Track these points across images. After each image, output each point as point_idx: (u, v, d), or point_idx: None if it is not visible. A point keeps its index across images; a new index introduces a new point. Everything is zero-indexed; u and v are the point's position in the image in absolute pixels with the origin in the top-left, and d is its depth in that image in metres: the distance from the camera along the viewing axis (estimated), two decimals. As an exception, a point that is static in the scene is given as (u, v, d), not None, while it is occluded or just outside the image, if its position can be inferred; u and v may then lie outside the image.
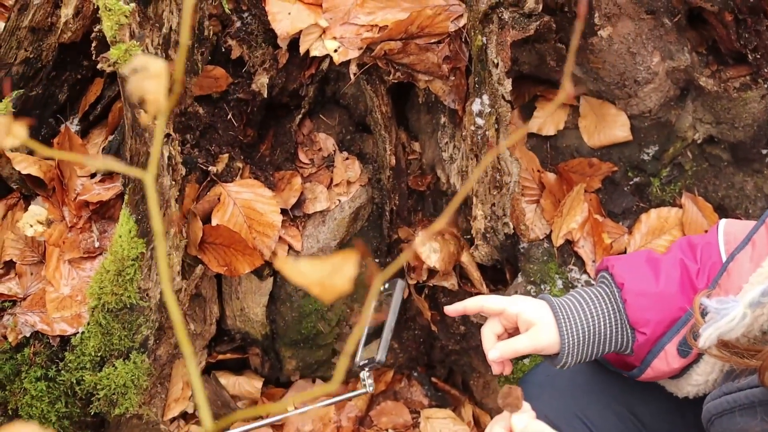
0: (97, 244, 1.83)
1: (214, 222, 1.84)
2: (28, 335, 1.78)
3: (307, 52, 1.83)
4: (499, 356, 1.24)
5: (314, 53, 1.82)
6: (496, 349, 1.24)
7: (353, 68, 1.82)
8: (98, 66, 1.62)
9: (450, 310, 1.31)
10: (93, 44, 1.71)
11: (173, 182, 1.73)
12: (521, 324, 1.25)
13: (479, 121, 1.79)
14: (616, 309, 1.26)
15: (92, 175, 1.88)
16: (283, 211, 1.91)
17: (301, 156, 2.00)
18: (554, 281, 1.88)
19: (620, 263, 1.29)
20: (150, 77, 0.41)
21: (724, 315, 1.05)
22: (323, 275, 0.35)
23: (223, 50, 1.84)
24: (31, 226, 1.80)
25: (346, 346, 0.37)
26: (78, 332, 1.77)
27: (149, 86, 0.41)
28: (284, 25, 1.80)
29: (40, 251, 1.85)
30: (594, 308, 1.26)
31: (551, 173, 1.97)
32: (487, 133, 1.79)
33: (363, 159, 2.06)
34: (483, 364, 2.08)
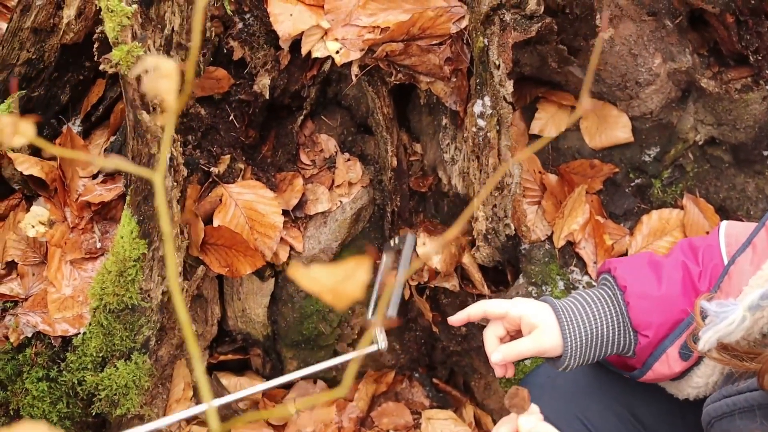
0: (99, 245, 1.83)
1: (216, 223, 1.84)
2: (30, 336, 1.78)
3: (309, 54, 1.83)
4: (502, 359, 1.24)
5: (316, 54, 1.82)
6: (499, 352, 1.24)
7: (355, 69, 1.82)
8: (100, 67, 1.62)
9: (454, 320, 1.31)
10: (95, 45, 1.71)
11: (175, 183, 1.73)
12: (524, 327, 1.26)
13: (481, 123, 1.79)
14: (619, 311, 1.26)
15: (94, 176, 1.88)
16: (285, 212, 1.91)
17: (303, 157, 2.00)
18: (555, 282, 1.88)
19: (622, 266, 1.29)
20: (161, 77, 0.41)
21: (724, 318, 1.06)
22: (336, 282, 0.35)
23: (225, 51, 1.84)
24: (33, 227, 1.80)
25: (357, 350, 0.37)
26: (79, 333, 1.77)
27: (162, 86, 0.41)
28: (286, 27, 1.80)
29: (42, 252, 1.85)
30: (596, 311, 1.26)
31: (553, 174, 1.97)
32: (489, 135, 1.79)
33: (364, 160, 2.06)
34: (484, 366, 2.08)
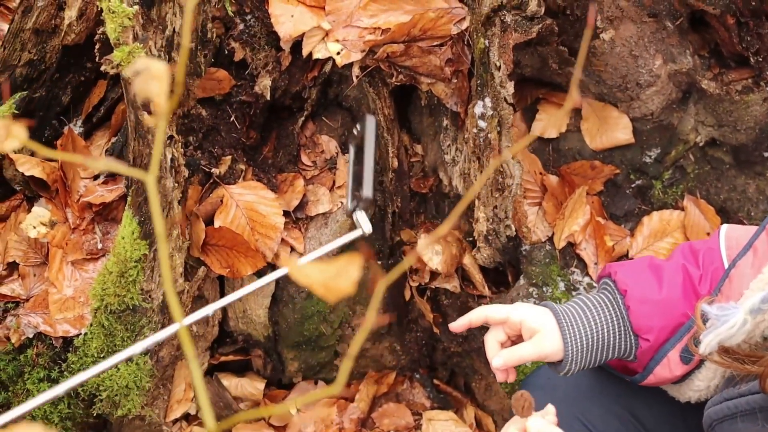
0: (100, 246, 1.83)
1: (217, 224, 1.84)
2: (31, 336, 1.78)
3: (310, 55, 1.83)
4: (503, 364, 1.24)
5: (317, 56, 1.82)
6: (500, 357, 1.24)
7: (356, 71, 1.83)
8: (101, 68, 1.62)
9: (455, 326, 1.31)
10: (96, 46, 1.72)
11: (176, 184, 1.73)
12: (525, 331, 1.25)
13: (481, 124, 1.79)
14: (620, 316, 1.26)
15: (95, 177, 1.88)
16: (286, 213, 1.91)
17: (304, 158, 2.01)
18: (556, 283, 1.88)
19: (623, 270, 1.29)
20: (152, 79, 0.41)
21: (725, 321, 1.05)
22: (328, 277, 0.35)
23: (226, 52, 1.84)
24: (35, 228, 1.80)
25: (350, 349, 0.37)
26: (81, 333, 1.77)
27: (153, 88, 0.41)
28: (287, 28, 1.80)
29: (43, 253, 1.86)
30: (597, 315, 1.26)
31: (553, 176, 1.97)
32: (490, 136, 1.79)
33: (365, 161, 2.06)
34: (485, 367, 2.08)
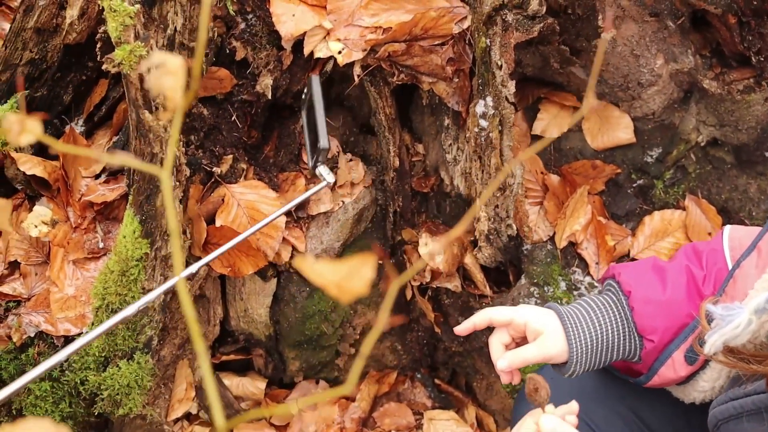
0: (102, 245, 1.83)
1: (218, 223, 1.84)
2: (33, 335, 1.78)
3: (312, 54, 1.83)
4: (508, 366, 1.24)
5: (318, 55, 1.82)
6: (504, 359, 1.24)
7: (357, 70, 1.82)
8: (103, 67, 1.62)
9: (460, 330, 1.31)
10: (98, 45, 1.72)
11: (177, 183, 1.73)
12: (529, 333, 1.26)
13: (483, 123, 1.79)
14: (624, 317, 1.27)
15: (97, 176, 1.88)
16: (287, 212, 1.91)
17: (305, 157, 2.00)
18: (557, 283, 1.88)
19: (627, 271, 1.29)
20: (167, 74, 0.41)
21: (730, 321, 1.06)
22: (341, 277, 0.35)
23: (228, 52, 1.84)
24: (36, 227, 1.80)
25: (362, 349, 0.37)
26: (82, 332, 1.77)
27: (167, 83, 0.41)
28: (288, 27, 1.80)
29: (45, 252, 1.86)
30: (601, 316, 1.26)
31: (555, 175, 1.98)
32: (491, 135, 1.79)
33: (367, 160, 2.06)
34: (486, 366, 2.08)
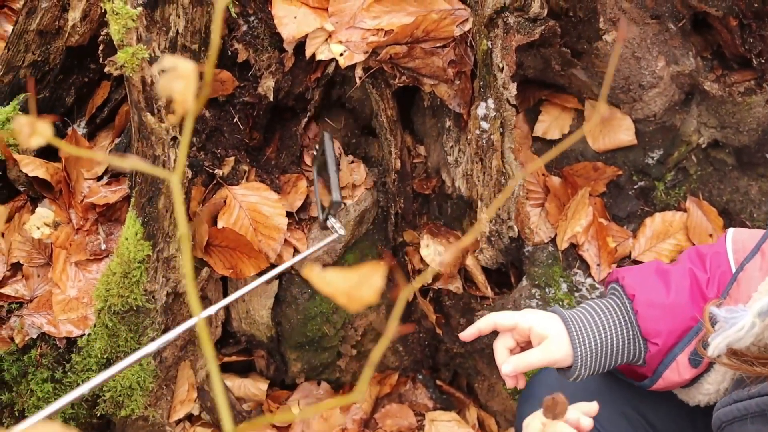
0: (104, 247, 1.83)
1: (220, 225, 1.85)
2: (35, 337, 1.78)
3: (313, 56, 1.83)
4: (512, 370, 1.24)
5: (320, 57, 1.83)
6: (509, 364, 1.24)
7: (359, 72, 1.83)
8: (105, 69, 1.63)
9: (465, 336, 1.31)
10: (100, 47, 1.72)
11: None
12: (533, 338, 1.26)
13: (484, 125, 1.79)
14: (628, 320, 1.27)
15: (99, 178, 1.88)
16: (289, 214, 1.92)
17: (307, 159, 2.01)
18: (559, 285, 1.88)
19: (630, 275, 1.29)
20: (178, 78, 0.41)
21: (733, 324, 1.06)
22: (350, 285, 0.35)
23: (230, 54, 1.84)
24: (38, 229, 1.80)
25: (371, 356, 0.37)
26: (84, 334, 1.77)
27: (177, 87, 0.41)
28: (290, 29, 1.80)
29: (47, 253, 1.86)
30: (606, 320, 1.27)
31: (556, 177, 1.98)
32: (492, 137, 1.79)
33: (368, 162, 2.06)
34: (488, 367, 2.08)
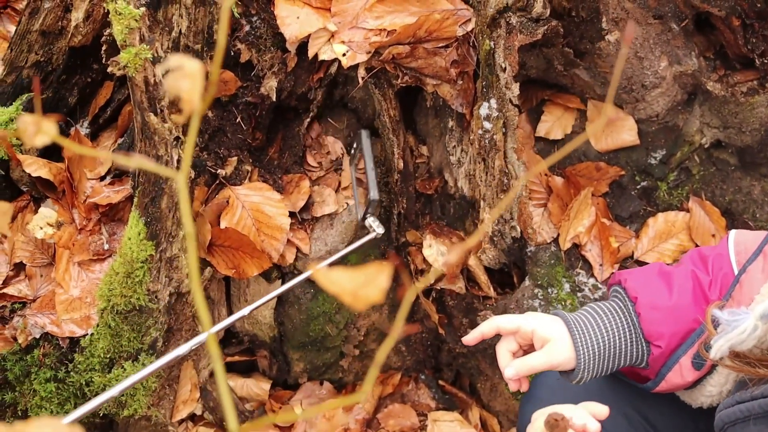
0: (107, 247, 1.84)
1: (223, 225, 1.85)
2: (38, 337, 1.78)
3: (316, 56, 1.83)
4: (515, 374, 1.24)
5: (323, 57, 1.83)
6: (512, 367, 1.25)
7: (361, 72, 1.83)
8: (108, 69, 1.63)
9: (468, 340, 1.31)
10: (103, 48, 1.72)
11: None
12: (536, 341, 1.26)
13: (487, 125, 1.79)
14: (631, 323, 1.27)
15: (102, 178, 1.89)
16: (292, 214, 1.92)
17: (310, 159, 2.01)
18: (561, 285, 1.88)
19: (633, 277, 1.29)
20: (185, 77, 0.41)
21: (735, 327, 1.06)
22: (356, 285, 0.35)
23: (232, 54, 1.85)
24: (41, 228, 1.80)
25: (377, 357, 0.37)
26: (87, 334, 1.77)
27: (184, 86, 0.41)
28: (293, 29, 1.80)
29: (50, 253, 1.86)
30: (608, 323, 1.27)
31: (558, 177, 1.98)
32: (495, 137, 1.79)
33: (371, 162, 2.06)
34: (490, 368, 2.08)
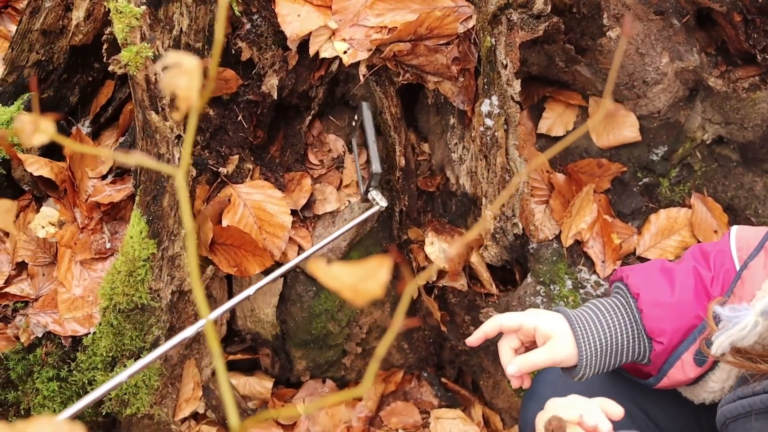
0: (109, 245, 1.84)
1: (225, 223, 1.85)
2: (40, 336, 1.78)
3: (317, 54, 1.83)
4: (517, 371, 1.24)
5: (324, 55, 1.83)
6: (514, 364, 1.25)
7: (363, 69, 1.83)
8: (109, 68, 1.63)
9: (471, 340, 1.32)
10: (104, 46, 1.72)
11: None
12: (538, 338, 1.26)
13: (488, 122, 1.79)
14: (633, 319, 1.27)
15: (103, 177, 1.89)
16: (293, 212, 1.92)
17: (311, 157, 2.01)
18: (563, 281, 1.88)
19: (635, 273, 1.29)
20: (182, 74, 0.41)
21: (736, 323, 1.06)
22: (356, 280, 0.35)
23: (233, 52, 1.85)
24: (43, 228, 1.81)
25: (377, 350, 0.37)
26: (89, 333, 1.78)
27: (181, 83, 0.41)
28: (294, 27, 1.80)
29: (52, 252, 1.86)
30: (610, 319, 1.26)
31: (560, 174, 1.97)
32: (496, 134, 1.79)
33: (372, 160, 2.06)
34: (493, 365, 2.08)
